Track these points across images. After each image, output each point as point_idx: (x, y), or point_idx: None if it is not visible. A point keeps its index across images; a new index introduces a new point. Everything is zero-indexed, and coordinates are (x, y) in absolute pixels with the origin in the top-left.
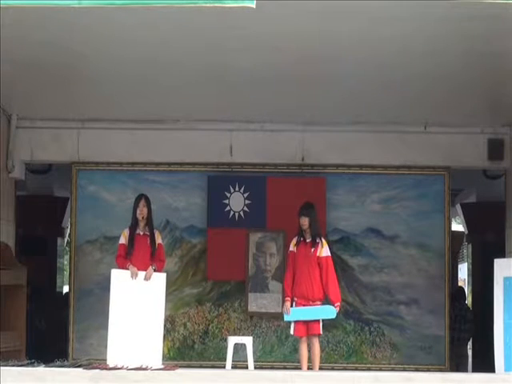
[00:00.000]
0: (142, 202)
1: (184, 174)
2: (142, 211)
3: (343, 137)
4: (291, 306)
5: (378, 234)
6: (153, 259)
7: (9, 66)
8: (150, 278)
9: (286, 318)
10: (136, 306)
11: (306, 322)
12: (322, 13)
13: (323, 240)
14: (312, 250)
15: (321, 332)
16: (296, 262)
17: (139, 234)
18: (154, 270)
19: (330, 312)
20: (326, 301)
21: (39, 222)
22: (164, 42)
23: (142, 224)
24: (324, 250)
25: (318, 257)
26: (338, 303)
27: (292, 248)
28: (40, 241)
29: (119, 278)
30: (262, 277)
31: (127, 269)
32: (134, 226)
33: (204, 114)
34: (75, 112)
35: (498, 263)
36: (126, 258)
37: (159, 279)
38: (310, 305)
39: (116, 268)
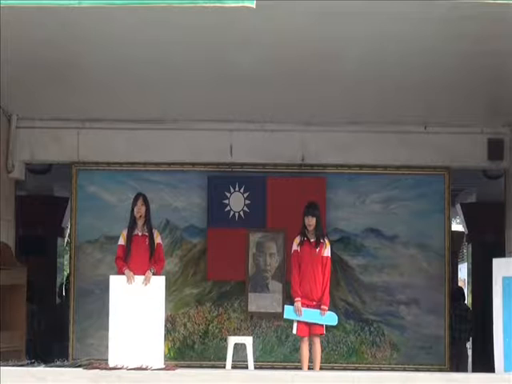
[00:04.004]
0: (140, 201)
1: (184, 174)
2: (139, 210)
3: (343, 137)
4: (292, 305)
5: (378, 234)
6: (151, 260)
7: (9, 65)
8: (149, 282)
9: (286, 315)
10: (136, 310)
11: (309, 322)
12: (322, 13)
13: (326, 240)
14: (317, 250)
15: (324, 332)
16: (300, 262)
17: (137, 235)
18: (153, 274)
19: (331, 318)
20: (331, 305)
21: (39, 222)
22: (164, 42)
23: (140, 224)
24: (326, 250)
25: (322, 256)
26: (326, 307)
27: (296, 247)
28: (40, 241)
29: (118, 284)
30: (262, 277)
31: (124, 273)
32: (132, 227)
33: (204, 114)
34: (75, 112)
35: (497, 263)
36: (125, 259)
37: (158, 283)
38: (314, 305)
39: (116, 269)
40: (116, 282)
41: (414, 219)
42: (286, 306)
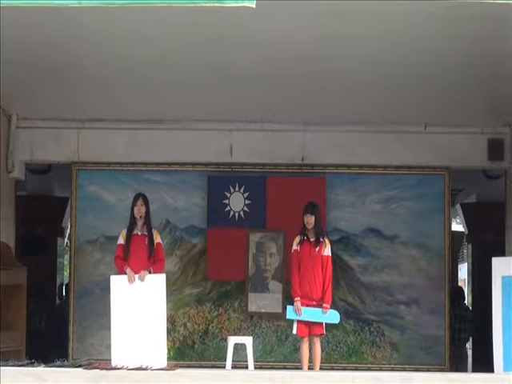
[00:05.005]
0: (140, 201)
1: (184, 174)
2: (139, 210)
3: (343, 137)
4: (292, 304)
5: (378, 234)
6: (150, 260)
7: (9, 65)
8: (143, 278)
9: (288, 315)
10: (137, 309)
11: (309, 322)
12: (322, 13)
13: (326, 240)
14: (317, 249)
15: (324, 332)
16: (300, 262)
17: (137, 235)
18: (150, 273)
19: (333, 317)
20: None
21: (39, 222)
22: (164, 42)
23: (139, 224)
24: (326, 250)
25: (322, 255)
26: (328, 305)
27: (296, 247)
28: (40, 241)
29: (118, 284)
30: (262, 277)
31: (125, 273)
32: (131, 226)
33: (204, 114)
34: (75, 112)
35: (496, 262)
36: (124, 258)
37: (159, 281)
38: (314, 305)
39: (115, 269)
40: (116, 282)
41: (414, 219)
42: (288, 307)
